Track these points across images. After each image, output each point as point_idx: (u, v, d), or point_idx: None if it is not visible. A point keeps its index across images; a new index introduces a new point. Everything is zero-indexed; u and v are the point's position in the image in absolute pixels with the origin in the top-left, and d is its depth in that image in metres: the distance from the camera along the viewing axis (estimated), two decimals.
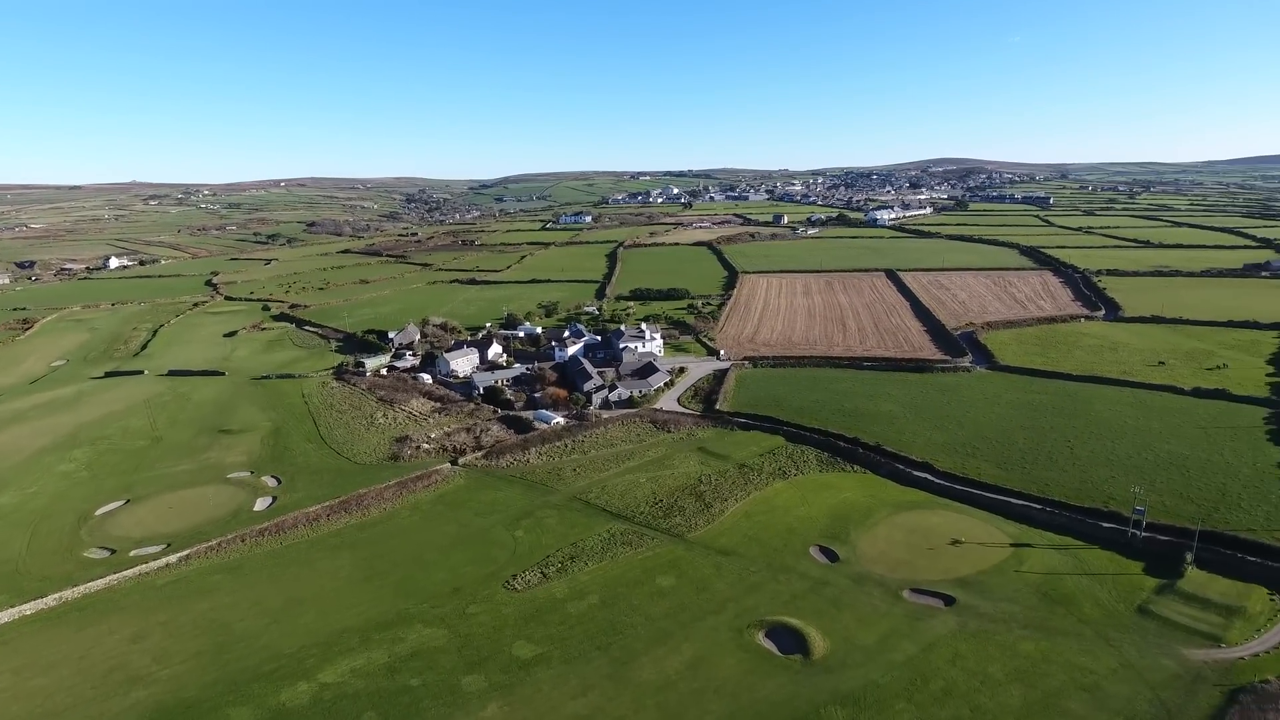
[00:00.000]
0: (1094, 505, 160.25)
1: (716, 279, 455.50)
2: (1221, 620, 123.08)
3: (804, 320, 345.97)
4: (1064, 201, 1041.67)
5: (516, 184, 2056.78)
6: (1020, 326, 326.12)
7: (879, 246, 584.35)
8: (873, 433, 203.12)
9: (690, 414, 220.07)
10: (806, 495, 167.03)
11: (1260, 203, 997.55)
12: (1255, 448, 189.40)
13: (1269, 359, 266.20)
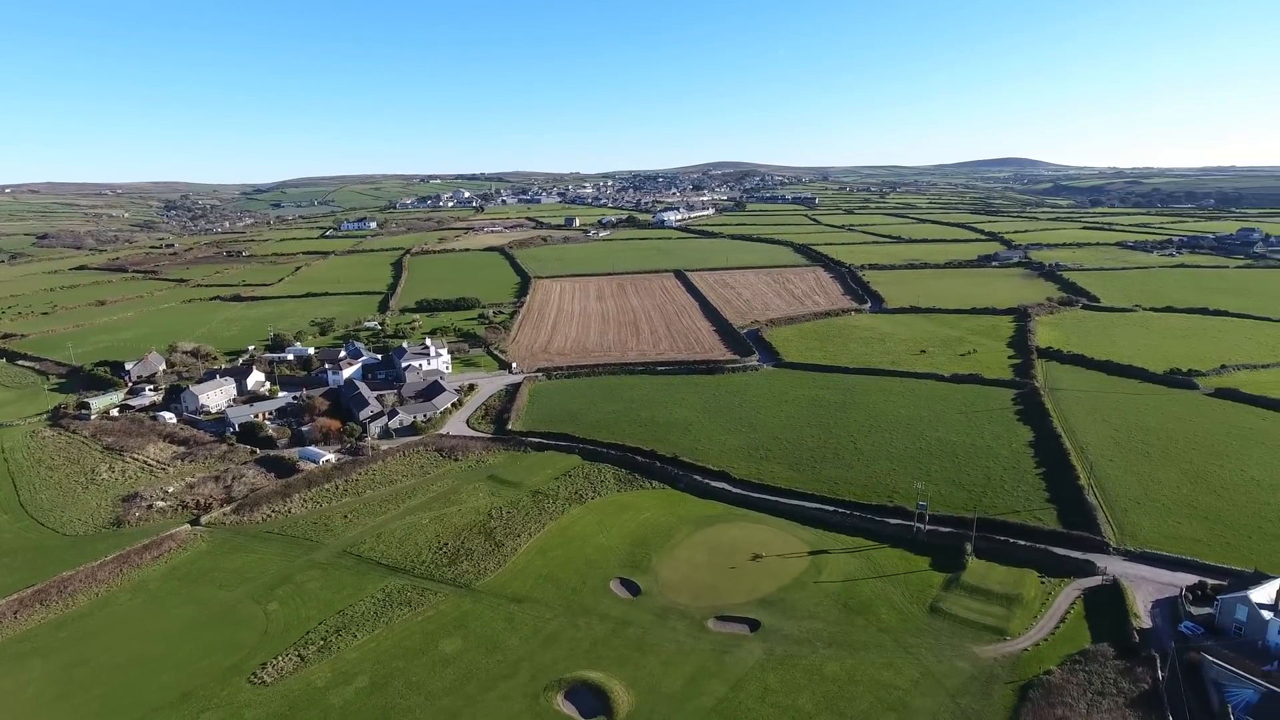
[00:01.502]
0: (881, 502, 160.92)
1: (509, 285, 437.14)
2: (1003, 611, 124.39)
3: (598, 325, 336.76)
4: (827, 201, 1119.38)
5: (296, 188, 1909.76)
6: (800, 322, 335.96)
7: (667, 247, 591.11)
8: (670, 442, 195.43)
9: (481, 437, 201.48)
10: (605, 520, 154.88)
11: (982, 201, 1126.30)
12: (1009, 429, 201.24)
13: (1008, 342, 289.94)
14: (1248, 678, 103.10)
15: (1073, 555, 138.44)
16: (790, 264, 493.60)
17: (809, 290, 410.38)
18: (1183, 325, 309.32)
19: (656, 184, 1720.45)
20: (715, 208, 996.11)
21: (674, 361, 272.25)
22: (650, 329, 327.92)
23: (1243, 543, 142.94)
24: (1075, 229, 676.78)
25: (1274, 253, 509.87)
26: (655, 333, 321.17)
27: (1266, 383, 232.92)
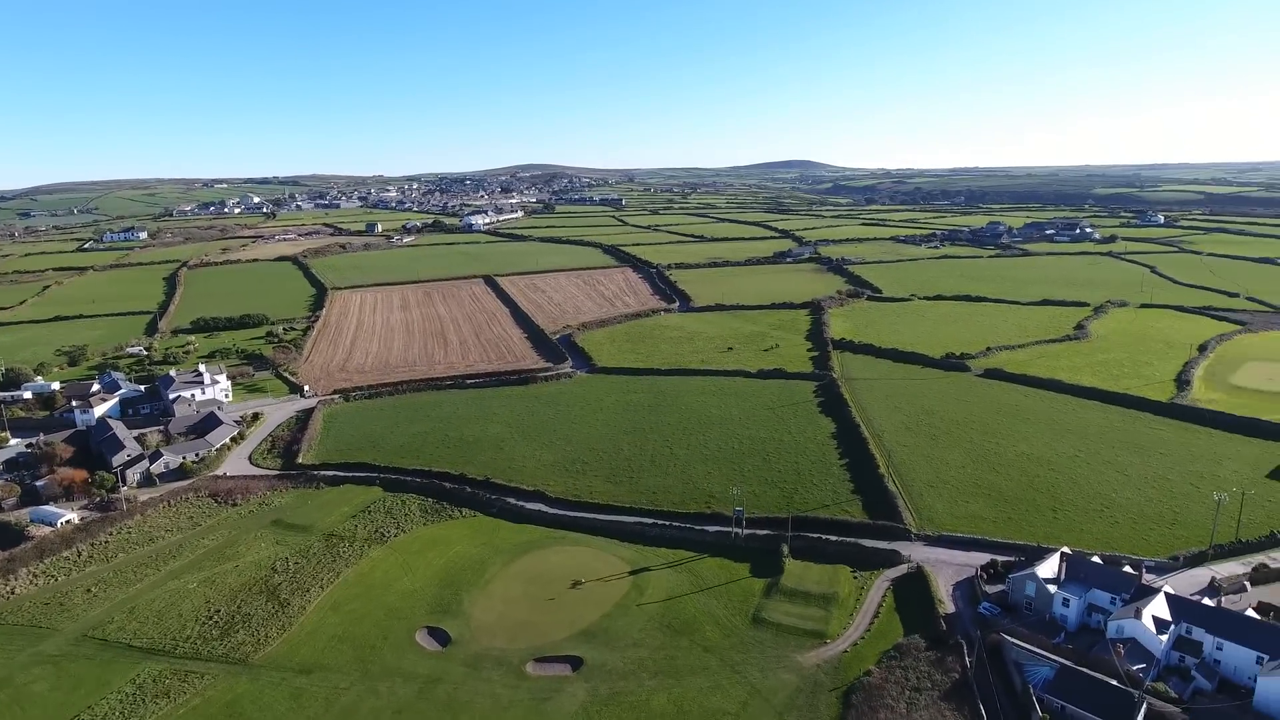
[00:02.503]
0: (699, 509, 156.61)
1: (303, 298, 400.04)
2: (822, 613, 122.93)
3: (402, 338, 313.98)
4: (634, 202, 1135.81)
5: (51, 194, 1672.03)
6: (612, 324, 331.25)
7: (476, 252, 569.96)
8: (482, 463, 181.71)
9: (265, 475, 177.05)
10: (410, 560, 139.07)
11: (774, 200, 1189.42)
12: (812, 421, 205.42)
13: (806, 335, 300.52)
14: (1043, 655, 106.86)
15: (880, 546, 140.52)
16: (600, 265, 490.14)
17: (619, 291, 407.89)
18: (952, 312, 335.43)
19: (464, 187, 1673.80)
20: (524, 210, 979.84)
21: (485, 373, 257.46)
22: (459, 339, 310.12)
23: (1022, 516, 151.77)
24: (855, 225, 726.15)
25: (1016, 243, 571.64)
26: (464, 343, 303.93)
27: (1024, 361, 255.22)
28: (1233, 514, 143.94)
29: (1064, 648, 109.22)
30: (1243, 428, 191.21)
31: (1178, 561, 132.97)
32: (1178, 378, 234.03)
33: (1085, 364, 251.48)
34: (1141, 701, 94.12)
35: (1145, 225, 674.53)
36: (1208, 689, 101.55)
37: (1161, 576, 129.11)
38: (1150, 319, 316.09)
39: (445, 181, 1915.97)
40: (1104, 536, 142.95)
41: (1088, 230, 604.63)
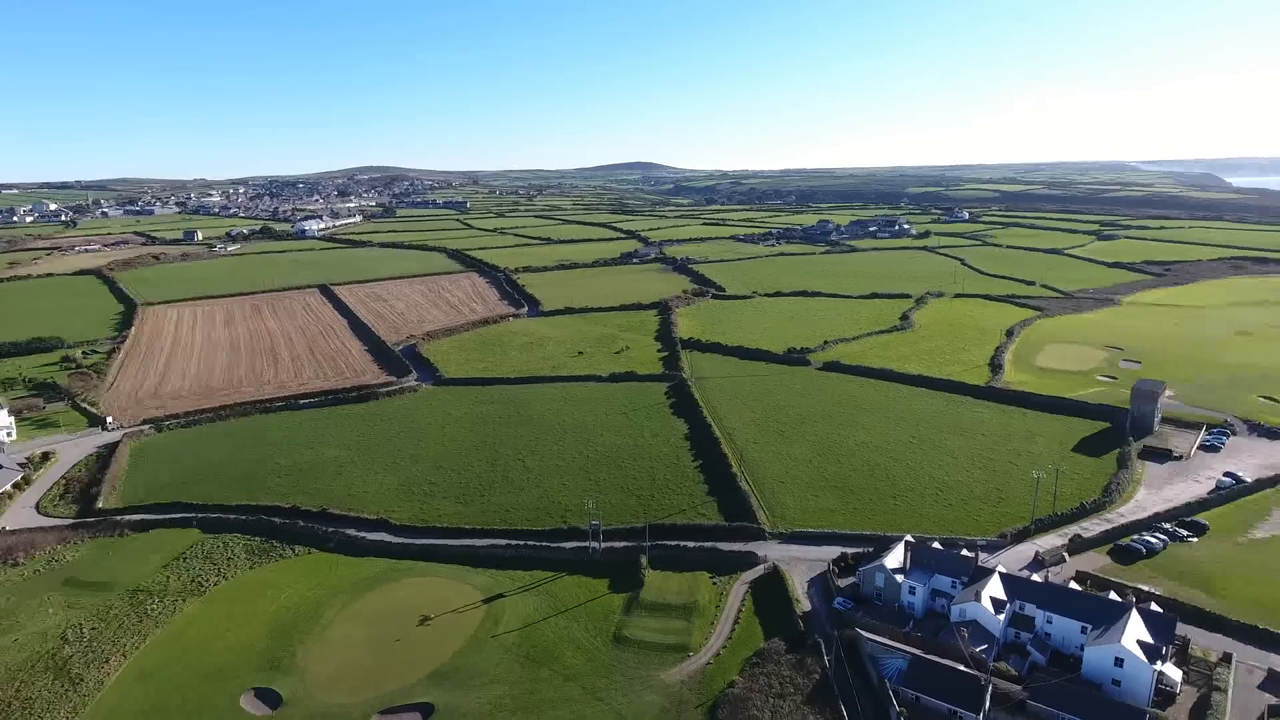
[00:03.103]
0: (555, 525, 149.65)
1: (108, 317, 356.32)
2: (683, 624, 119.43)
3: (226, 357, 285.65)
4: (479, 205, 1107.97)
5: None
6: (459, 333, 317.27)
7: (311, 259, 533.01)
8: (317, 492, 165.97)
9: (57, 525, 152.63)
10: (234, 611, 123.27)
11: (619, 201, 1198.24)
12: (665, 424, 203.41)
13: (655, 335, 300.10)
14: (896, 647, 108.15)
15: (736, 549, 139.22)
16: (445, 271, 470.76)
17: (466, 298, 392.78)
18: (791, 308, 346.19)
19: (297, 190, 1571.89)
20: (363, 214, 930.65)
21: (320, 391, 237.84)
22: (291, 355, 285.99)
23: (866, 505, 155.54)
24: (697, 225, 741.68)
25: (844, 240, 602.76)
26: (298, 359, 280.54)
27: (858, 353, 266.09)
28: (1048, 489, 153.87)
29: (914, 636, 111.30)
30: (1049, 406, 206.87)
31: (1005, 539, 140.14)
32: (991, 362, 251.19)
33: (912, 352, 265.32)
34: (988, 685, 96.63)
35: (953, 221, 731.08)
36: (1042, 662, 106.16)
37: (994, 555, 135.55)
38: (964, 308, 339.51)
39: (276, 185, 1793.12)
40: (941, 519, 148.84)
41: (905, 227, 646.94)
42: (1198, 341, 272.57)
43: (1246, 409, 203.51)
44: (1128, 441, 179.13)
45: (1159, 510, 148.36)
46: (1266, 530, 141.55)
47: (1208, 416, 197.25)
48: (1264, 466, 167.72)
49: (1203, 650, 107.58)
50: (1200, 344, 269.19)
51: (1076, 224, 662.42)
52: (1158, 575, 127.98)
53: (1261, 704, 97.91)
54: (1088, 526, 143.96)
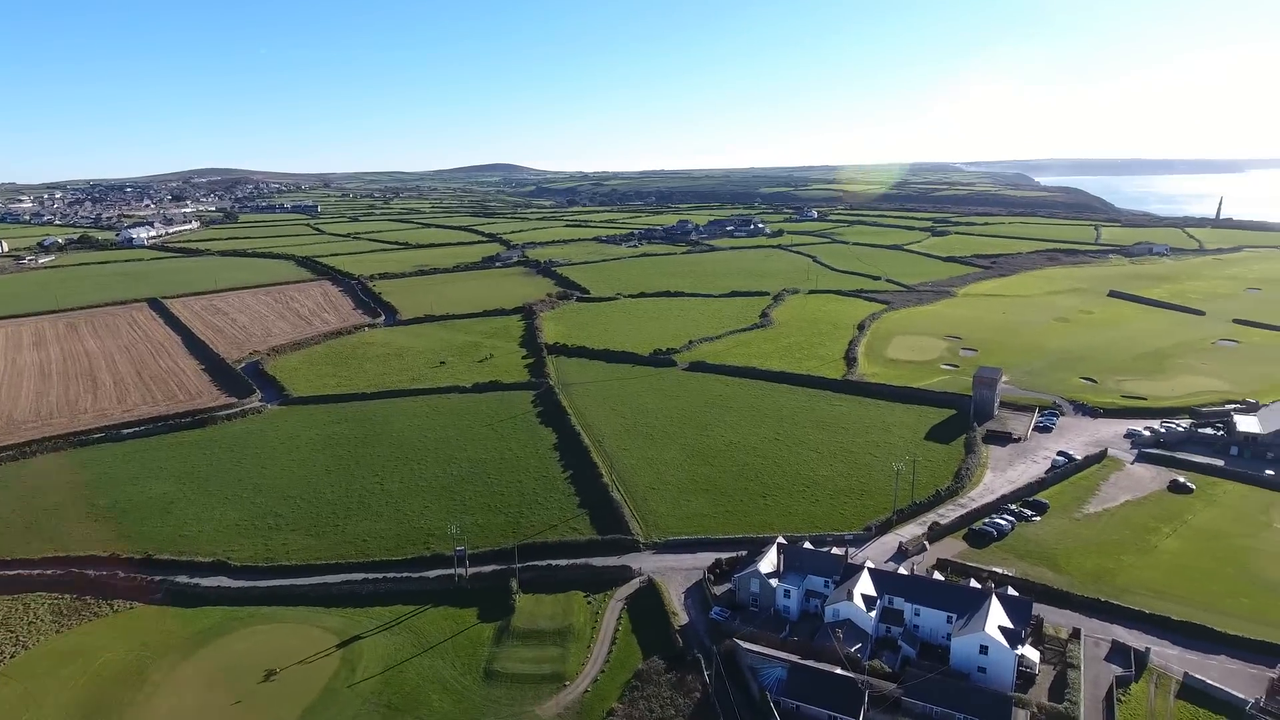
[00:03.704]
0: (418, 553, 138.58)
1: None
2: (558, 651, 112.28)
3: (34, 385, 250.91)
4: (331, 209, 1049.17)
5: None
6: (309, 346, 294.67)
7: (139, 271, 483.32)
8: (141, 535, 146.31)
9: None
10: (36, 688, 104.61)
11: (480, 204, 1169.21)
12: (533, 434, 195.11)
13: (520, 341, 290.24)
14: (775, 655, 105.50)
15: (610, 563, 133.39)
16: (294, 280, 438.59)
17: (317, 308, 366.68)
18: (655, 308, 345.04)
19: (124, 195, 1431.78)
20: (201, 220, 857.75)
21: (148, 419, 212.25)
22: (114, 379, 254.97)
23: (738, 507, 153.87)
24: (560, 227, 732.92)
25: (704, 239, 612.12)
26: (121, 383, 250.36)
27: (722, 351, 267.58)
28: (907, 479, 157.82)
29: (791, 641, 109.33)
30: (901, 396, 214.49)
31: (871, 532, 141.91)
32: (846, 355, 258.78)
33: (773, 349, 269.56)
34: (865, 689, 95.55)
35: (804, 220, 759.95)
36: (913, 656, 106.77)
37: (861, 549, 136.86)
38: (818, 303, 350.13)
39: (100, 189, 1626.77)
40: (810, 516, 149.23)
41: (760, 226, 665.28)
42: (1024, 328, 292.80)
43: (1070, 389, 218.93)
44: (972, 427, 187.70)
45: (1005, 492, 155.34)
46: (1097, 504, 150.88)
47: (1039, 399, 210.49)
48: (1090, 444, 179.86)
49: (1054, 628, 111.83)
50: (1026, 331, 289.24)
51: (913, 221, 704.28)
52: (1009, 556, 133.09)
53: (1109, 675, 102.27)
54: (944, 513, 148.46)
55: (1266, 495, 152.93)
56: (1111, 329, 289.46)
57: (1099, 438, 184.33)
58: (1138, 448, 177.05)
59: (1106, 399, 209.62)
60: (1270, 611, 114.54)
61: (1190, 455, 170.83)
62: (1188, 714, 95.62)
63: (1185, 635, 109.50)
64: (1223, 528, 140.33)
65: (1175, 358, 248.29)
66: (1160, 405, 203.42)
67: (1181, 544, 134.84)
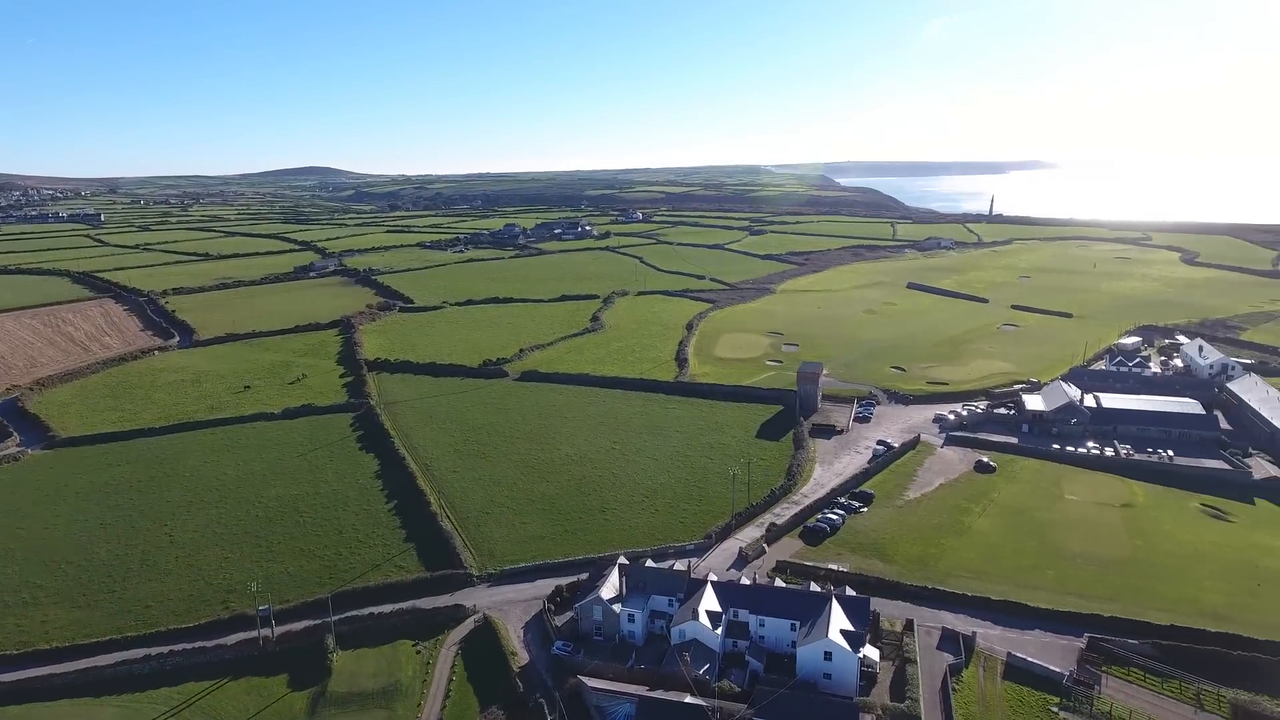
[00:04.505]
0: (214, 615, 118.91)
1: None
2: (384, 714, 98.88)
3: None
4: (117, 218, 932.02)
5: None
6: (85, 376, 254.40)
7: None
8: None
9: None
10: None
11: (292, 209, 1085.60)
12: (353, 461, 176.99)
13: (338, 358, 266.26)
14: (620, 691, 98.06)
15: (442, 603, 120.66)
16: (69, 299, 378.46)
17: (96, 331, 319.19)
18: (484, 316, 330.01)
19: None
20: None
21: None
22: None
23: (576, 526, 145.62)
24: (381, 233, 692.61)
25: (532, 243, 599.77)
26: None
27: (554, 358, 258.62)
28: (743, 480, 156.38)
29: (639, 671, 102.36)
30: (731, 395, 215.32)
31: (711, 539, 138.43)
32: (677, 356, 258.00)
33: (605, 354, 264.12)
34: (715, 715, 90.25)
35: (629, 222, 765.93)
36: (760, 670, 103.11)
37: (703, 559, 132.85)
38: (647, 305, 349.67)
39: None
40: (650, 528, 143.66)
41: (588, 228, 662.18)
42: (838, 322, 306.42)
43: (883, 379, 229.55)
44: (799, 422, 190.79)
45: (834, 485, 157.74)
46: (916, 490, 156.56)
47: (856, 390, 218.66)
48: (904, 431, 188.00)
49: (890, 621, 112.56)
50: (840, 324, 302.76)
51: (732, 221, 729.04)
52: (843, 551, 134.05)
53: (943, 664, 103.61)
54: (780, 512, 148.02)
55: (1056, 468, 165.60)
56: (913, 319, 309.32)
57: (912, 424, 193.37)
58: (945, 431, 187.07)
59: (915, 386, 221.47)
60: (1071, 581, 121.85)
61: (990, 435, 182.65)
62: (1013, 694, 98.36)
63: (1004, 614, 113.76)
64: (1023, 503, 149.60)
65: (968, 343, 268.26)
66: (960, 389, 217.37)
67: (991, 522, 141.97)
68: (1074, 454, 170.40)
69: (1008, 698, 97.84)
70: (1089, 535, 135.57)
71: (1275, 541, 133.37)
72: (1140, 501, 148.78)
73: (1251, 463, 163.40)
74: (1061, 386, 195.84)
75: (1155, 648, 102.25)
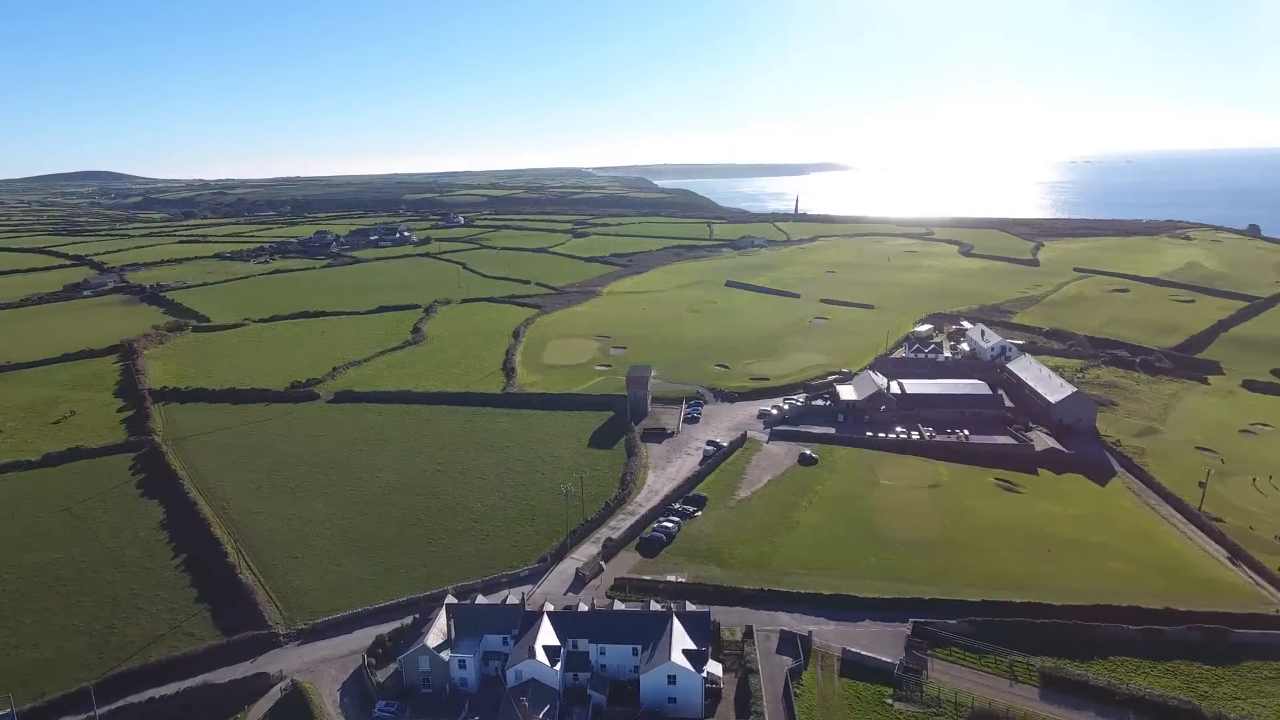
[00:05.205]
0: None
1: None
2: None
3: None
4: None
5: None
6: None
7: None
8: None
9: None
10: None
11: (65, 219, 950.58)
12: (132, 511, 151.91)
13: (116, 390, 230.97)
14: None
15: (240, 674, 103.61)
16: None
17: None
18: (292, 333, 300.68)
19: None
20: None
21: None
22: None
23: (400, 561, 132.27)
24: (172, 243, 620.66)
25: (346, 251, 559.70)
26: None
27: (372, 376, 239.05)
28: (577, 495, 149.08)
29: None
30: (562, 404, 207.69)
31: (546, 563, 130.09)
32: (505, 366, 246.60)
33: (428, 368, 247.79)
34: None
35: (450, 226, 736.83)
36: (603, 703, 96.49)
37: (538, 585, 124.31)
38: (471, 313, 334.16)
39: None
40: (481, 557, 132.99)
41: (406, 234, 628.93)
42: (663, 322, 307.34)
43: (708, 377, 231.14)
44: (630, 427, 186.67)
45: (668, 491, 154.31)
46: (746, 489, 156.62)
47: (684, 390, 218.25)
48: (732, 429, 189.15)
49: (730, 629, 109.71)
50: (665, 324, 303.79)
51: (555, 224, 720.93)
52: (681, 560, 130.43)
53: (783, 668, 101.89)
54: (616, 525, 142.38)
55: (871, 455, 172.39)
56: (733, 316, 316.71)
57: (739, 421, 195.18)
58: (769, 426, 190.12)
59: (739, 383, 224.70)
60: (894, 567, 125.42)
61: (810, 427, 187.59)
62: (851, 690, 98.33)
63: (836, 608, 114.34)
64: (844, 492, 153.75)
65: (785, 338, 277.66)
66: (781, 383, 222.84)
67: (817, 515, 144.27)
68: (885, 440, 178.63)
69: (845, 695, 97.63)
70: (905, 519, 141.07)
71: (1058, 509, 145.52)
72: (945, 481, 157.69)
73: (1033, 436, 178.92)
74: (870, 375, 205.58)
75: (972, 625, 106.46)
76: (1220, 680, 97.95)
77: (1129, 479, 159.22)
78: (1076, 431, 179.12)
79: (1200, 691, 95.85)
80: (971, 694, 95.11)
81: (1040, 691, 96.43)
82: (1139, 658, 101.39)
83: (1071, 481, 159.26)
